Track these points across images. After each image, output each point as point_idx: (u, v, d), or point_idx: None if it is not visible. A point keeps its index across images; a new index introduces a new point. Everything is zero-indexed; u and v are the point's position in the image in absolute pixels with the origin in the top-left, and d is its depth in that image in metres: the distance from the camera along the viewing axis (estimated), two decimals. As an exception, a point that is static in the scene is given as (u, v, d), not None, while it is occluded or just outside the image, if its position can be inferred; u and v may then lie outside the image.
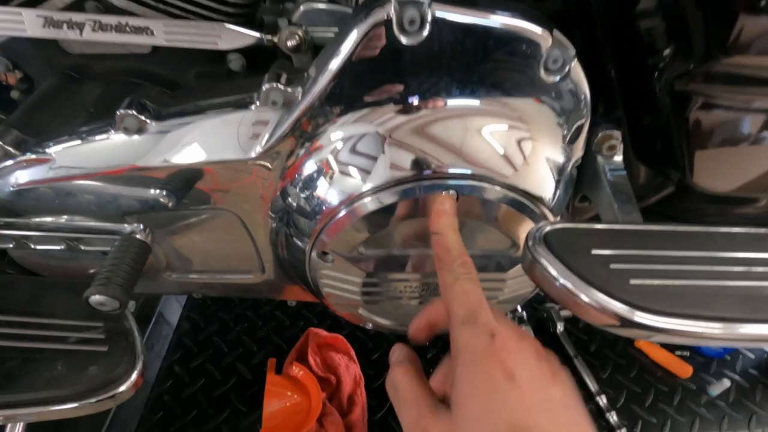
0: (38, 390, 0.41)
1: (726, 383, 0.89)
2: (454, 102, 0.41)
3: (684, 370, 0.91)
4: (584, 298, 0.31)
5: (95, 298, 0.41)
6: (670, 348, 0.94)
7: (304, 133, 0.44)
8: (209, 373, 0.86)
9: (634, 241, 0.35)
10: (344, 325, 0.95)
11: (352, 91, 0.41)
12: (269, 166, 0.46)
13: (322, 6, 0.56)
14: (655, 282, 0.32)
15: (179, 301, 0.98)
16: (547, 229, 0.35)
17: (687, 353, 0.95)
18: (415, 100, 0.42)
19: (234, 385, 0.85)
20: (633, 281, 0.32)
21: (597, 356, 0.94)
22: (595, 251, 0.33)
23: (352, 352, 0.87)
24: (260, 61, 0.58)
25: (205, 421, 0.79)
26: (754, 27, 0.38)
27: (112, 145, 0.46)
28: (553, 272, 0.32)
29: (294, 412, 0.76)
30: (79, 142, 0.46)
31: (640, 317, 0.30)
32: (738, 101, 0.44)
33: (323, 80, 0.40)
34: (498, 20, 0.38)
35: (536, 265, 0.33)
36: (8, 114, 0.57)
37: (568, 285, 0.31)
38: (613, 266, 0.32)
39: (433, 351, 0.90)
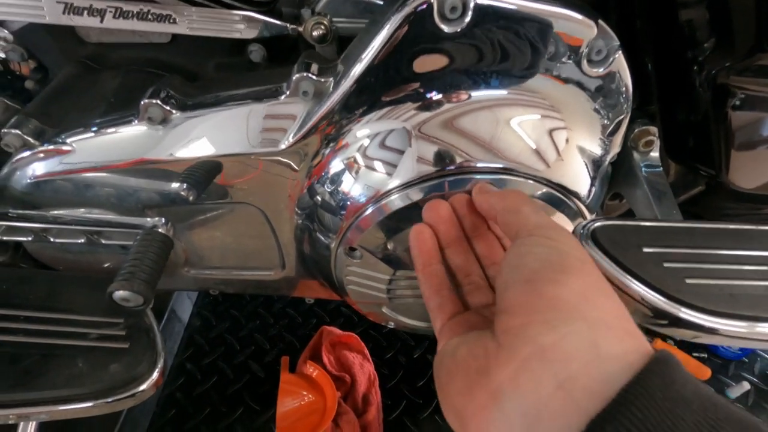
0: (59, 388, 0.40)
1: (745, 386, 0.87)
2: (489, 93, 0.40)
3: (702, 372, 0.89)
4: (645, 301, 0.30)
5: (119, 294, 0.39)
6: (688, 350, 0.93)
7: (329, 134, 0.43)
8: (221, 370, 0.85)
9: (685, 238, 0.33)
10: (357, 323, 0.94)
11: (383, 84, 0.40)
12: (296, 167, 0.45)
13: (346, -5, 0.54)
14: (712, 282, 0.30)
15: (190, 297, 0.97)
16: (596, 225, 0.33)
17: (705, 355, 0.93)
18: (447, 93, 0.40)
19: (247, 383, 0.83)
20: (689, 281, 0.30)
21: (613, 357, 0.92)
22: (646, 249, 0.32)
23: (366, 351, 0.86)
24: (281, 52, 0.56)
25: (218, 419, 0.78)
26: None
27: (135, 136, 0.44)
28: (606, 272, 0.31)
29: (309, 412, 0.75)
30: (99, 132, 0.45)
31: (702, 319, 0.29)
32: (783, 97, 0.42)
33: (356, 71, 0.38)
34: (542, 8, 0.36)
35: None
36: (22, 104, 0.55)
37: (625, 286, 0.30)
38: (667, 264, 0.31)
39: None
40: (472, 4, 0.35)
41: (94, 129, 0.45)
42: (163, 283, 0.61)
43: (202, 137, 0.43)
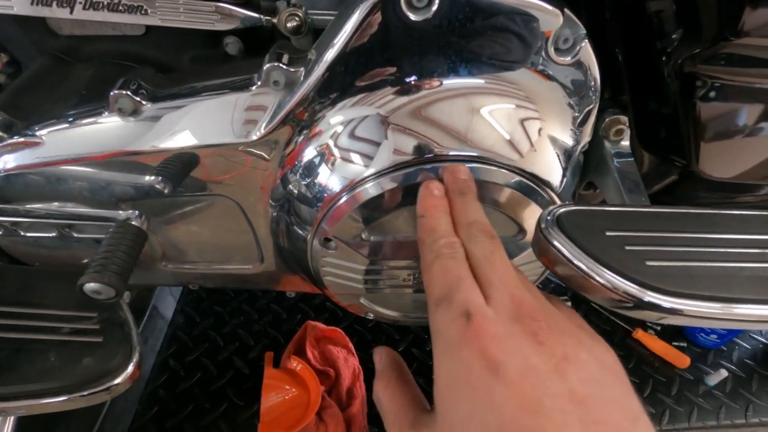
0: (30, 382, 0.40)
1: (723, 373, 0.89)
2: (460, 81, 0.40)
3: (681, 360, 0.91)
4: (599, 280, 0.30)
5: (90, 286, 0.39)
6: (668, 339, 0.95)
7: (301, 121, 0.43)
8: (205, 367, 0.85)
9: (648, 222, 0.34)
10: (342, 318, 0.94)
11: (355, 71, 0.40)
12: (267, 156, 0.45)
13: (322, -12, 0.54)
14: (671, 264, 0.31)
15: (173, 294, 0.96)
16: (561, 211, 0.34)
17: (684, 344, 0.95)
18: (419, 80, 0.40)
19: (231, 379, 0.83)
20: (649, 263, 0.31)
21: (595, 347, 0.94)
22: (609, 233, 0.32)
23: (351, 345, 0.86)
24: (257, 45, 0.56)
25: (202, 415, 0.78)
26: (765, 10, 0.38)
27: (106, 128, 0.44)
28: (568, 254, 0.31)
29: (293, 406, 0.75)
30: (70, 124, 0.44)
31: (658, 299, 0.29)
32: (747, 84, 0.43)
33: (328, 58, 0.39)
34: (508, -3, 0.36)
35: (549, 247, 0.32)
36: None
37: (584, 267, 0.30)
38: (628, 248, 0.31)
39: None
40: (438, -7, 0.35)
41: (65, 121, 0.44)
42: (142, 278, 0.61)
43: (173, 129, 0.43)
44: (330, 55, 0.38)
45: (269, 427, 0.71)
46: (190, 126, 0.43)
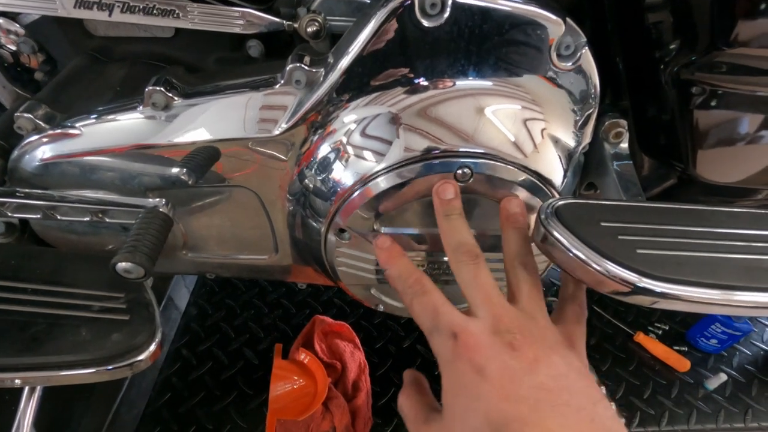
0: (65, 353, 0.43)
1: (722, 377, 0.90)
2: (468, 83, 0.43)
3: (682, 364, 0.92)
4: (594, 266, 0.33)
5: (122, 266, 0.42)
6: (669, 343, 0.96)
7: (316, 122, 0.46)
8: (216, 357, 0.88)
9: (641, 215, 0.37)
10: (349, 314, 0.97)
11: (370, 73, 0.43)
12: (284, 157, 0.48)
13: (339, -5, 0.58)
14: (661, 252, 0.34)
15: (187, 286, 0.99)
16: (559, 203, 0.36)
17: (685, 348, 0.97)
18: (430, 82, 0.43)
19: (241, 369, 0.86)
20: (639, 251, 0.33)
21: (597, 350, 0.96)
22: (603, 224, 0.35)
23: (357, 340, 0.88)
24: (277, 48, 0.60)
25: (213, 402, 0.81)
26: (755, 22, 0.40)
27: (139, 122, 0.48)
28: (566, 243, 0.34)
29: (300, 396, 0.78)
30: (106, 117, 0.48)
31: (646, 283, 0.32)
32: (742, 91, 0.46)
33: (347, 59, 0.42)
34: (513, 5, 0.40)
35: (548, 236, 0.35)
36: (32, 94, 0.59)
37: (580, 254, 0.33)
38: (621, 237, 0.34)
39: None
40: (450, 1, 0.38)
41: (101, 114, 0.48)
42: (163, 266, 0.65)
43: (201, 123, 0.47)
44: (348, 57, 0.42)
45: (277, 415, 0.74)
46: (216, 121, 0.47)
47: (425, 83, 0.43)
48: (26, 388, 0.53)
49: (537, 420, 0.27)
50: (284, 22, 0.54)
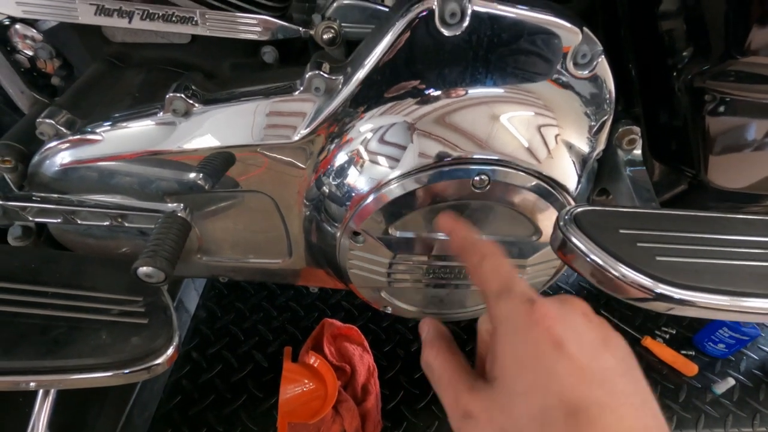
0: (85, 356, 0.43)
1: (730, 382, 0.90)
2: (486, 91, 0.44)
3: (689, 368, 0.93)
4: (614, 273, 0.33)
5: (143, 270, 0.43)
6: (676, 347, 0.96)
7: (333, 132, 0.47)
8: (226, 359, 0.88)
9: (659, 223, 0.37)
10: (358, 317, 0.97)
11: (389, 81, 0.44)
12: (302, 165, 0.49)
13: (354, 2, 0.59)
14: (679, 259, 0.34)
15: (197, 289, 1.00)
16: (578, 210, 0.37)
17: (692, 353, 0.97)
18: (447, 90, 0.44)
19: (250, 371, 0.86)
20: (659, 258, 0.34)
21: (604, 353, 0.96)
22: (622, 231, 0.36)
23: (366, 343, 0.89)
24: (291, 54, 0.61)
25: (223, 405, 0.81)
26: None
27: (159, 128, 0.48)
28: (584, 249, 0.34)
29: (310, 399, 0.78)
30: (127, 123, 0.48)
31: (665, 290, 0.32)
32: (754, 99, 0.46)
33: (365, 69, 0.42)
34: (531, 15, 0.40)
35: (568, 243, 0.36)
36: (49, 99, 0.59)
37: (599, 261, 0.34)
38: (639, 244, 0.35)
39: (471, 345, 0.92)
40: (469, 11, 0.39)
41: (122, 120, 0.49)
42: (177, 269, 0.65)
43: (221, 129, 0.47)
44: (368, 65, 0.42)
45: (288, 418, 0.74)
46: (236, 127, 0.47)
47: (443, 91, 0.44)
48: (41, 391, 0.54)
49: (614, 406, 0.25)
50: (300, 29, 0.54)
